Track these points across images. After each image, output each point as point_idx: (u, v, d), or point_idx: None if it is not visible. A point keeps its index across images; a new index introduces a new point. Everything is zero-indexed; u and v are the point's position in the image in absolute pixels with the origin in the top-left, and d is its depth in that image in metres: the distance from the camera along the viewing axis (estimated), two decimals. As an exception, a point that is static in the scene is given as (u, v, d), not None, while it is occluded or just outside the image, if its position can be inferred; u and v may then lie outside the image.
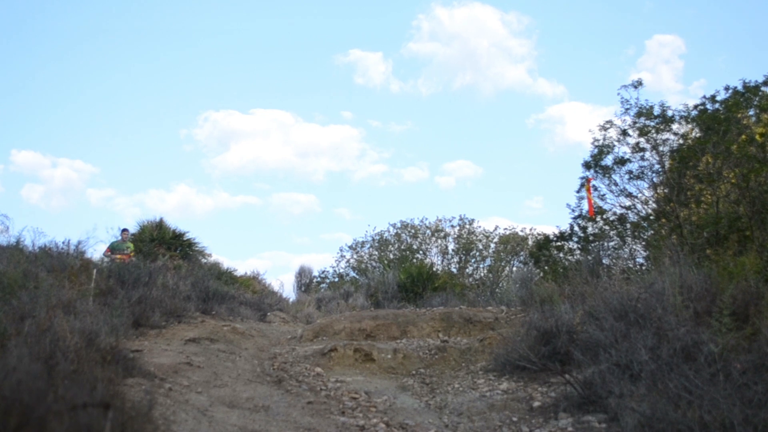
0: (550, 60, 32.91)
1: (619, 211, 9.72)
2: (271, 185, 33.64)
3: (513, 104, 33.44)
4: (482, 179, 31.04)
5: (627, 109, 9.27)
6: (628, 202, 9.57)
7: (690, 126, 8.81)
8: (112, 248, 10.64)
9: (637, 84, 9.24)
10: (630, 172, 9.29)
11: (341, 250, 19.73)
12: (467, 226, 19.26)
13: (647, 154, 9.15)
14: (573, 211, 10.33)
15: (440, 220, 19.35)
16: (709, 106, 8.46)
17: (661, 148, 8.97)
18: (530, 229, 19.18)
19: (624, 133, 9.32)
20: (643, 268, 7.35)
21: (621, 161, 9.34)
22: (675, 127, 8.91)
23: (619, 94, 9.36)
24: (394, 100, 32.45)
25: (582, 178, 9.86)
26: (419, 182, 30.38)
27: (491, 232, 19.23)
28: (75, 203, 31.04)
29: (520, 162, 31.94)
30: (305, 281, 16.14)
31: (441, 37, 31.69)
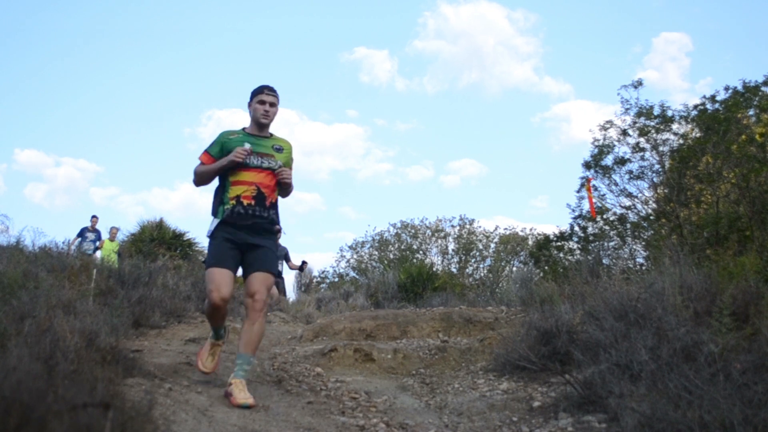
0: (556, 58, 32.89)
1: (619, 211, 9.74)
2: (275, 184, 33.58)
3: (519, 102, 33.42)
4: (487, 178, 31.03)
5: (627, 109, 9.30)
6: (628, 202, 9.59)
7: (690, 126, 8.82)
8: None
9: (638, 84, 9.27)
10: (630, 172, 9.32)
11: (341, 250, 19.73)
12: (467, 226, 19.27)
13: (647, 154, 9.17)
14: (573, 211, 10.35)
15: (440, 220, 19.36)
16: (709, 106, 8.48)
17: (661, 148, 8.99)
18: (530, 229, 19.20)
19: (624, 133, 9.34)
20: (643, 268, 7.35)
21: (621, 161, 9.37)
22: (675, 127, 8.93)
23: (619, 94, 9.39)
24: (399, 98, 32.42)
25: (582, 178, 9.87)
26: (424, 181, 30.37)
27: (491, 232, 19.24)
28: (78, 202, 31.05)
29: (526, 161, 31.95)
30: (305, 281, 16.14)
31: (447, 34, 31.65)
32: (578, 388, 2.94)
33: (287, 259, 8.59)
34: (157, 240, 14.31)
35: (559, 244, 10.89)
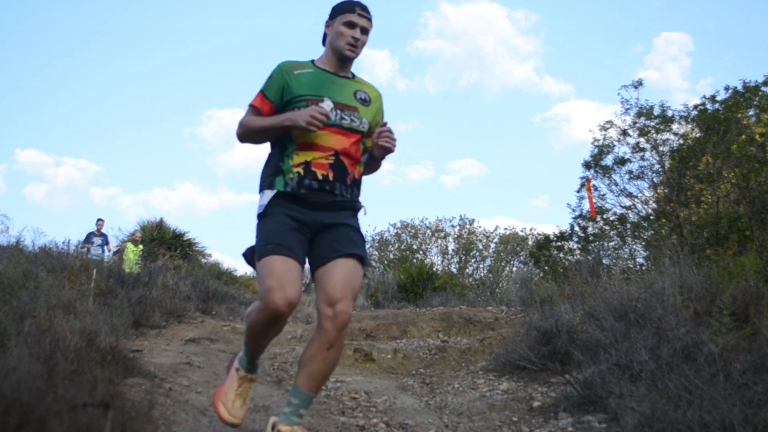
0: (556, 58, 32.86)
1: (619, 211, 9.75)
2: (277, 183, 33.62)
3: (519, 102, 33.38)
4: (487, 178, 31.00)
5: (627, 109, 9.31)
6: (628, 202, 9.60)
7: (690, 126, 8.82)
8: None
9: (638, 84, 9.28)
10: (630, 172, 9.33)
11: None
12: (467, 226, 19.26)
13: (647, 154, 9.18)
14: (573, 211, 10.35)
15: (440, 220, 19.36)
16: (709, 106, 8.48)
17: (661, 148, 8.99)
18: (530, 229, 19.20)
19: (624, 133, 9.35)
20: (643, 268, 7.36)
21: (621, 161, 9.38)
22: (675, 127, 8.94)
23: (619, 94, 9.40)
24: (400, 98, 32.39)
25: (582, 177, 9.88)
26: (424, 181, 30.35)
27: (491, 232, 19.24)
28: (79, 202, 31.07)
29: (526, 161, 31.92)
30: (305, 281, 16.14)
31: (447, 34, 31.64)
32: (578, 388, 2.94)
33: None
34: (157, 240, 14.34)
35: (559, 244, 10.89)
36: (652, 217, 9.20)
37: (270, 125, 2.20)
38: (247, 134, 2.27)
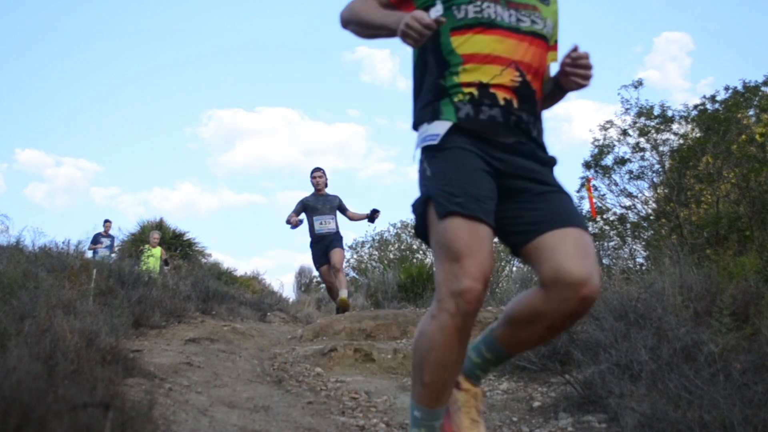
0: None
1: (619, 211, 9.75)
2: (277, 183, 33.58)
3: (519, 102, 33.40)
4: (487, 178, 31.03)
5: (627, 108, 9.31)
6: (628, 202, 9.60)
7: (690, 126, 8.83)
8: None
9: (638, 84, 9.28)
10: (630, 172, 9.33)
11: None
12: (467, 226, 19.23)
13: (647, 154, 9.18)
14: (573, 211, 10.34)
15: (440, 220, 19.33)
16: (709, 106, 8.49)
17: (661, 148, 8.99)
18: (530, 229, 19.20)
19: (624, 132, 9.35)
20: (643, 268, 7.36)
21: (621, 161, 9.37)
22: (675, 127, 8.94)
23: (619, 94, 9.40)
24: (401, 97, 32.43)
25: (582, 177, 9.88)
26: (425, 181, 30.37)
27: (491, 232, 19.21)
28: (79, 202, 31.04)
29: (526, 160, 31.90)
30: (305, 281, 16.13)
31: (447, 33, 31.69)
32: (578, 388, 2.94)
33: (343, 209, 6.65)
34: (157, 240, 14.34)
35: (559, 244, 10.87)
36: (652, 217, 9.21)
37: (379, 23, 1.60)
38: (351, 21, 1.70)
